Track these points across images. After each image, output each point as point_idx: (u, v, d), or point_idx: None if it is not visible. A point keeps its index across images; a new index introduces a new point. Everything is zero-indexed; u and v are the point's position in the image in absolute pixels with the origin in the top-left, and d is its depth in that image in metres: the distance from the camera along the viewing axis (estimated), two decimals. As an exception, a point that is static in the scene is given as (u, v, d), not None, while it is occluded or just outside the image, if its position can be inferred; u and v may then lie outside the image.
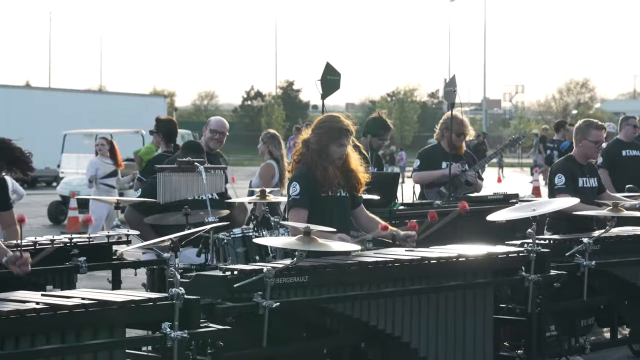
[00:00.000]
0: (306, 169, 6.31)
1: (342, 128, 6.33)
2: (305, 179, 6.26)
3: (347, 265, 5.62)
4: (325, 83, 8.12)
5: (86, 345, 4.51)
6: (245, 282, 5.17)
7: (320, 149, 6.29)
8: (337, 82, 8.22)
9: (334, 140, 6.30)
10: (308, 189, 6.23)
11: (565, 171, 8.10)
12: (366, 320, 5.63)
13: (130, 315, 4.65)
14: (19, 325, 4.36)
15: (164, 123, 9.82)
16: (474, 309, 6.07)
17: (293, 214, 6.21)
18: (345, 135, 6.34)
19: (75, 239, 6.51)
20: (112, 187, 15.20)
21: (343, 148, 6.33)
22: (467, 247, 6.27)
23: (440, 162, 9.39)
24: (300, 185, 6.24)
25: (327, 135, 6.31)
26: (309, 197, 6.22)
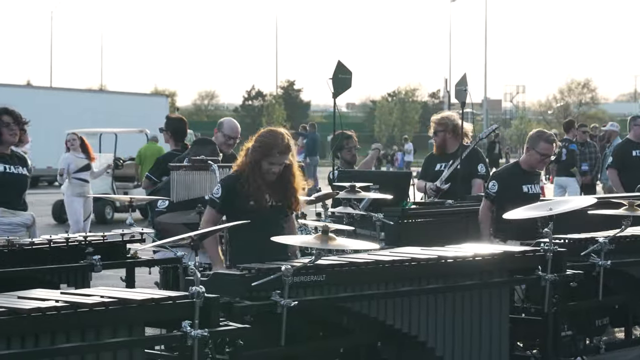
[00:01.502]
0: (237, 177, 6.36)
1: (275, 145, 6.30)
2: (231, 187, 6.33)
3: (364, 264, 5.60)
4: (337, 82, 8.12)
5: (106, 343, 4.49)
6: (264, 281, 5.14)
7: (253, 163, 6.31)
8: (349, 81, 8.21)
9: (265, 156, 6.29)
10: (228, 197, 6.29)
11: (502, 180, 8.10)
12: (383, 320, 5.61)
13: (150, 314, 4.62)
14: (39, 323, 4.33)
15: (174, 121, 9.79)
16: (489, 308, 6.05)
17: (207, 211, 6.39)
18: (276, 154, 6.30)
19: (90, 238, 6.50)
20: (86, 181, 15.41)
21: (274, 166, 6.30)
22: (483, 247, 6.26)
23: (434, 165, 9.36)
24: (223, 190, 6.34)
25: (260, 151, 6.31)
26: (229, 204, 6.28)
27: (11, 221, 7.26)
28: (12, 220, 7.26)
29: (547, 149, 8.14)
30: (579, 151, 16.82)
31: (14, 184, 7.34)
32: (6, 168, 7.31)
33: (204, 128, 45.27)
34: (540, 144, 8.10)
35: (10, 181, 7.31)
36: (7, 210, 7.28)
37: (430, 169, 9.22)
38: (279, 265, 5.26)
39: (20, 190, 7.42)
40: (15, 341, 4.28)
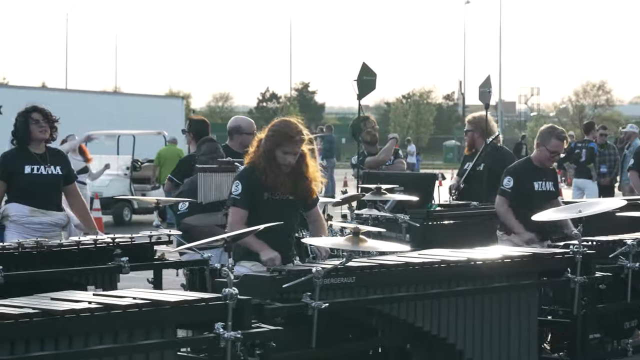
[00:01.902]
0: (251, 170, 6.24)
1: (288, 135, 6.18)
2: (249, 179, 6.20)
3: (394, 266, 5.59)
4: (362, 83, 8.12)
5: (139, 345, 4.49)
6: (295, 283, 5.14)
7: (267, 152, 6.19)
8: (373, 83, 8.22)
9: (279, 145, 6.17)
10: (249, 190, 6.17)
11: (516, 175, 7.97)
12: (412, 322, 5.60)
13: (182, 316, 4.62)
14: (73, 325, 4.33)
15: (196, 123, 9.80)
16: (518, 310, 6.04)
17: (232, 212, 6.20)
18: (291, 143, 6.18)
19: (118, 239, 6.50)
20: (84, 183, 15.45)
21: (288, 155, 6.17)
22: (512, 249, 6.24)
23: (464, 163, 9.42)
24: (242, 185, 6.19)
25: (274, 140, 6.19)
26: (250, 198, 6.16)
27: (41, 221, 7.25)
28: (42, 220, 7.26)
29: (557, 145, 8.03)
30: (598, 152, 16.77)
31: (42, 185, 7.32)
32: (33, 169, 7.30)
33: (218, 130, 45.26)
34: (551, 141, 7.99)
35: (39, 182, 7.30)
36: (37, 209, 7.28)
37: (462, 168, 9.28)
38: (310, 267, 5.25)
39: (50, 191, 7.39)
40: (49, 343, 4.28)
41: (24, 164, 7.29)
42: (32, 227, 7.12)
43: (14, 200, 7.27)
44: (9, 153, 7.49)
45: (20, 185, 7.27)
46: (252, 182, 6.16)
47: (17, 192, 7.26)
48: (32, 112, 7.36)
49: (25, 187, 7.24)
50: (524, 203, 7.09)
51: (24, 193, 7.24)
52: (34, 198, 7.24)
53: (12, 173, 7.29)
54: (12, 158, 7.40)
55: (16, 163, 7.30)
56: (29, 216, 7.23)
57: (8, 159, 7.41)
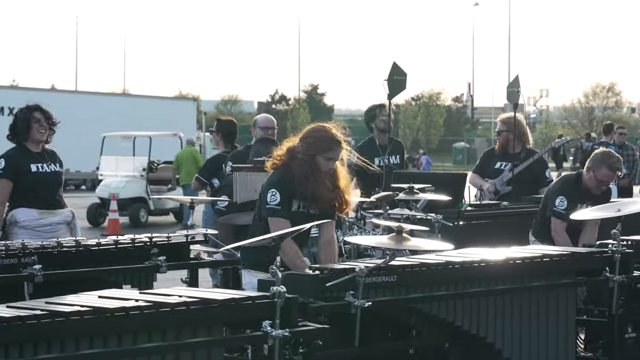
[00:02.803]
0: (289, 179, 6.01)
1: (332, 139, 6.01)
2: (287, 189, 5.98)
3: (434, 265, 5.58)
4: (392, 83, 8.11)
5: (187, 343, 4.48)
6: (338, 281, 5.13)
7: (309, 159, 5.97)
8: (404, 82, 8.22)
9: (322, 151, 5.99)
10: (286, 200, 5.98)
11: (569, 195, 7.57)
12: (451, 321, 5.59)
13: (230, 314, 4.62)
14: (122, 323, 4.33)
15: (225, 124, 9.89)
16: (556, 310, 6.02)
17: (275, 223, 5.89)
18: (334, 148, 6.00)
19: (155, 239, 6.50)
20: None
21: (331, 162, 6.00)
22: (550, 248, 6.24)
23: (494, 162, 9.41)
24: (281, 195, 5.96)
25: (315, 146, 5.99)
26: (287, 206, 5.99)
27: (51, 221, 7.28)
28: (51, 220, 7.28)
29: (607, 176, 7.61)
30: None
31: (48, 183, 7.36)
32: (38, 167, 7.34)
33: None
34: (602, 170, 7.58)
35: (44, 180, 7.33)
36: (45, 211, 7.30)
37: (490, 166, 9.25)
38: (353, 265, 5.24)
39: (55, 188, 7.43)
40: (98, 341, 4.28)
41: (29, 162, 7.32)
42: (42, 230, 7.16)
43: (19, 205, 7.26)
44: (11, 153, 7.48)
45: (26, 183, 7.29)
46: (289, 192, 5.97)
47: (22, 193, 7.26)
48: (34, 111, 7.39)
49: (31, 186, 7.26)
50: None
51: (30, 193, 7.25)
52: (40, 197, 7.29)
53: (18, 172, 7.31)
54: (16, 157, 7.41)
55: (21, 162, 7.33)
56: (38, 219, 7.25)
57: (13, 158, 7.41)
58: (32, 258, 5.91)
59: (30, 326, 4.12)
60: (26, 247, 6.04)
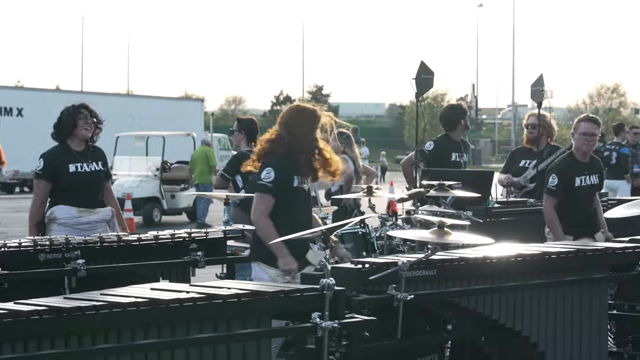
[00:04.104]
0: (286, 157, 6.35)
1: (318, 116, 6.42)
2: (283, 167, 6.31)
3: (472, 260, 5.67)
4: (420, 81, 8.20)
5: (238, 334, 4.57)
6: (381, 275, 5.22)
7: (304, 137, 6.35)
8: (431, 81, 8.30)
9: (316, 126, 6.39)
10: (281, 179, 6.28)
11: (559, 172, 7.95)
12: (488, 314, 5.68)
13: (278, 306, 4.71)
14: (176, 314, 4.42)
15: (247, 122, 9.97)
16: (590, 304, 6.11)
17: (261, 199, 6.26)
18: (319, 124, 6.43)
19: (194, 234, 6.59)
20: None
21: (324, 135, 6.44)
22: (584, 242, 6.32)
23: (519, 160, 9.52)
24: (276, 173, 6.28)
25: (308, 124, 6.38)
26: (280, 187, 6.26)
27: (89, 219, 7.33)
28: (90, 218, 7.33)
29: (588, 127, 8.01)
30: (630, 153, 16.77)
31: (87, 183, 7.40)
32: (77, 167, 7.36)
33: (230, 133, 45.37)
34: (580, 126, 8.02)
35: (84, 180, 7.36)
36: (85, 209, 7.35)
37: (515, 165, 9.34)
38: (395, 259, 5.33)
39: (95, 187, 7.47)
40: (153, 331, 4.37)
41: (67, 162, 7.35)
42: (80, 228, 7.20)
43: (59, 203, 7.32)
44: (51, 153, 7.51)
45: (65, 184, 7.32)
46: (284, 171, 6.28)
47: (61, 193, 7.31)
48: (80, 108, 7.46)
49: (70, 186, 7.28)
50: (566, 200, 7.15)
51: (68, 192, 7.27)
52: (79, 197, 7.31)
53: (56, 173, 7.34)
54: (55, 157, 7.43)
55: (60, 162, 7.36)
56: (77, 217, 7.29)
57: (51, 158, 7.44)
58: (76, 253, 6.01)
59: (89, 316, 4.21)
60: (69, 241, 6.13)
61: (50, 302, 4.37)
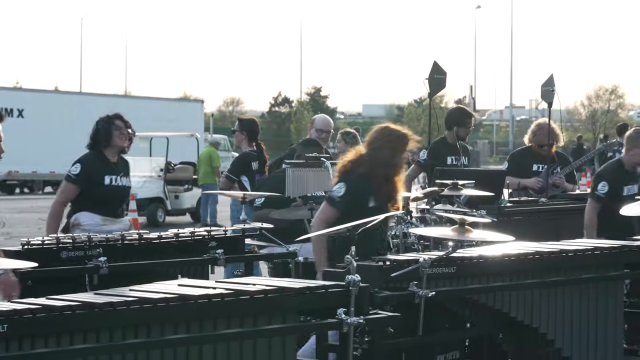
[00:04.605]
0: (363, 176, 6.39)
1: (406, 140, 6.50)
2: (357, 186, 6.36)
3: (491, 257, 5.73)
4: (433, 81, 8.27)
5: (264, 330, 4.61)
6: (403, 272, 5.28)
7: (387, 159, 6.40)
8: (444, 81, 8.38)
9: (400, 152, 6.46)
10: (353, 197, 6.33)
11: (610, 180, 8.10)
12: (506, 311, 5.74)
13: (304, 302, 4.76)
14: (205, 309, 4.47)
15: (248, 123, 10.03)
16: (606, 302, 6.17)
17: (324, 208, 6.37)
18: (407, 143, 6.50)
19: (213, 232, 6.64)
20: None
21: (403, 161, 6.51)
22: (601, 241, 6.39)
23: (531, 164, 9.55)
24: (346, 190, 6.35)
25: (393, 147, 6.43)
26: (351, 205, 6.28)
27: (111, 228, 7.33)
28: (111, 227, 7.34)
29: None
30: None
31: (117, 196, 7.46)
32: (112, 180, 7.42)
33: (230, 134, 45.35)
34: None
35: (115, 194, 7.43)
36: (108, 218, 7.39)
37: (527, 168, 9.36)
38: (417, 257, 5.39)
39: (122, 201, 7.56)
40: (181, 326, 4.41)
41: (104, 173, 7.40)
42: None
43: (84, 209, 7.35)
44: (88, 159, 7.52)
45: (97, 195, 7.33)
46: (360, 189, 6.33)
47: (89, 201, 7.34)
48: (115, 119, 7.54)
49: (101, 198, 7.31)
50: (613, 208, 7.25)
51: (98, 203, 7.31)
52: (106, 207, 7.35)
53: (91, 182, 7.37)
54: (92, 165, 7.45)
55: (96, 172, 7.39)
56: (101, 225, 7.29)
57: (88, 166, 7.45)
58: (97, 250, 6.06)
59: (120, 312, 4.26)
60: (92, 239, 6.18)
61: (82, 297, 4.44)
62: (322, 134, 8.81)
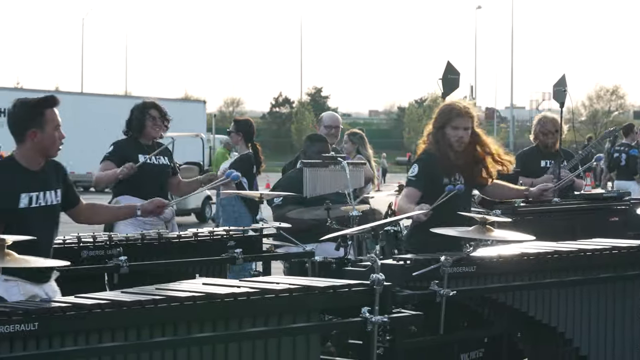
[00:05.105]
0: (428, 155, 6.47)
1: (455, 109, 6.42)
2: (425, 163, 6.42)
3: (510, 256, 5.76)
4: (446, 82, 8.28)
5: (289, 328, 4.64)
6: (425, 271, 5.31)
7: (437, 133, 6.43)
8: (457, 81, 8.39)
9: (447, 122, 6.40)
10: (426, 173, 6.36)
11: None
12: (525, 310, 5.76)
13: (328, 301, 4.79)
14: (231, 308, 4.50)
15: (244, 124, 10.06)
16: (623, 301, 6.18)
17: (405, 191, 6.39)
18: (458, 117, 6.39)
19: (232, 232, 6.67)
20: None
21: (459, 130, 6.39)
22: (618, 240, 6.41)
23: (538, 161, 9.55)
24: (419, 168, 6.40)
25: (440, 119, 6.44)
26: (426, 181, 6.33)
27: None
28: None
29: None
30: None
31: (153, 175, 7.50)
32: (147, 159, 7.50)
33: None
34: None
35: (150, 172, 7.47)
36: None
37: (535, 165, 9.37)
38: (437, 256, 5.41)
39: (160, 181, 7.57)
40: (208, 325, 4.44)
41: (137, 152, 7.49)
42: (142, 220, 7.21)
43: (125, 193, 7.41)
44: (121, 142, 7.71)
45: (133, 174, 7.40)
46: (430, 167, 6.37)
47: (128, 181, 7.40)
48: (150, 109, 7.58)
49: (137, 176, 7.38)
50: None
51: (135, 184, 7.37)
52: (145, 189, 7.33)
53: (126, 159, 7.47)
54: (125, 146, 7.65)
55: (130, 151, 7.51)
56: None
57: (121, 147, 7.66)
58: (118, 250, 6.08)
59: (148, 310, 4.30)
60: (112, 238, 6.21)
61: (110, 296, 4.47)
62: (331, 130, 8.84)
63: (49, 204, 5.09)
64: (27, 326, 3.94)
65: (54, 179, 5.16)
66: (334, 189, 7.22)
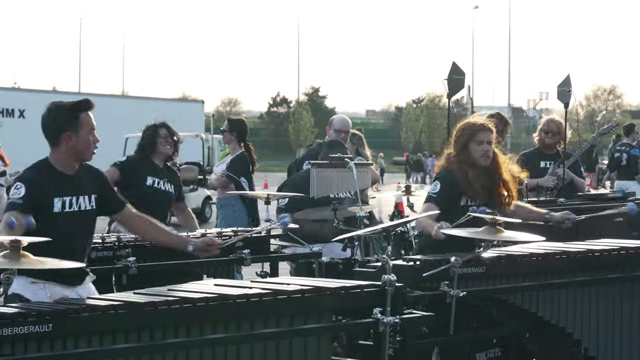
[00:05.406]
0: (450, 173, 6.27)
1: (474, 124, 6.27)
2: (447, 181, 6.23)
3: (519, 257, 5.76)
4: (452, 82, 8.29)
5: (301, 329, 4.65)
6: (435, 272, 5.31)
7: (461, 150, 6.25)
8: (462, 82, 8.40)
9: (471, 137, 6.23)
10: (447, 192, 6.18)
11: None
12: (534, 311, 5.77)
13: (340, 302, 4.79)
14: (243, 309, 4.51)
15: (238, 123, 9.99)
16: (631, 301, 6.19)
17: (425, 207, 6.21)
18: (481, 131, 6.23)
19: (240, 233, 6.65)
20: (2, 186, 15.68)
21: (483, 145, 6.21)
22: (626, 241, 6.42)
23: (538, 162, 9.55)
24: (441, 186, 6.20)
25: (464, 134, 6.26)
26: (447, 199, 6.16)
27: None
28: None
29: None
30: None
31: (157, 200, 7.52)
32: (155, 182, 7.53)
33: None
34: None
35: (155, 197, 7.50)
36: None
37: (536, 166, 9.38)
38: (447, 257, 5.41)
39: (163, 207, 7.64)
40: (220, 326, 4.45)
41: (147, 173, 7.53)
42: None
43: None
44: (135, 157, 7.81)
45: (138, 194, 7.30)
46: (450, 185, 6.19)
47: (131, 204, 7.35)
48: (160, 128, 7.65)
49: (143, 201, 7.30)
50: None
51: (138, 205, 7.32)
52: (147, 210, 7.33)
53: (133, 181, 7.51)
54: (137, 163, 7.69)
55: (140, 170, 7.57)
56: None
57: (134, 163, 7.72)
58: (127, 251, 6.08)
59: (161, 311, 4.30)
60: (121, 239, 6.21)
61: (123, 297, 4.47)
62: (340, 134, 8.83)
63: (83, 209, 5.04)
64: (42, 327, 3.95)
65: (88, 184, 5.11)
66: (341, 190, 7.23)
